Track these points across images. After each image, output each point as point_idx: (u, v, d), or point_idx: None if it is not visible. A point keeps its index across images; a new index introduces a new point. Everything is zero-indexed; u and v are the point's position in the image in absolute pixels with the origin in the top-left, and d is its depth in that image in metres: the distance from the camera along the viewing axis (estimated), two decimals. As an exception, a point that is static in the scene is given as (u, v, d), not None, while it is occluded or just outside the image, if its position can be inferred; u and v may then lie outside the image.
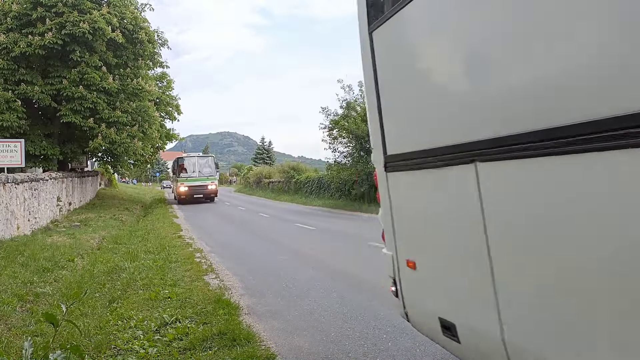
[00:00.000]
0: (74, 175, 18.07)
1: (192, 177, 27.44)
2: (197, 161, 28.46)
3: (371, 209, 19.54)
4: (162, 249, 9.53)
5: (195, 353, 3.98)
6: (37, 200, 12.01)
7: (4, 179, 9.56)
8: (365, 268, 7.32)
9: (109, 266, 7.82)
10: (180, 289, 6.08)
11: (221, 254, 9.45)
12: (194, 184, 27.09)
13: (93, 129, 17.15)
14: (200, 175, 27.56)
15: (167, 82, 30.91)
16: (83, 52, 16.68)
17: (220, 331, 4.35)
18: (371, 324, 4.60)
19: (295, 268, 7.77)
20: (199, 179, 27.38)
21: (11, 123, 15.60)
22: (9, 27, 16.31)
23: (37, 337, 4.19)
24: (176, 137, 33.99)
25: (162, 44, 22.23)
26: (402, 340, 4.13)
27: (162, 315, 4.93)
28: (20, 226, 10.33)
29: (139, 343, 4.22)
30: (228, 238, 12.19)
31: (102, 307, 5.37)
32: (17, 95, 15.98)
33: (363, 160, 21.30)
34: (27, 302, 5.38)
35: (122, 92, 18.20)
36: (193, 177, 27.39)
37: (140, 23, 18.46)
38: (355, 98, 22.69)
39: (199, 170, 27.66)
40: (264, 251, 9.85)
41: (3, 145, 12.46)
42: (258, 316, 5.11)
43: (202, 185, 27.38)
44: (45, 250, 8.24)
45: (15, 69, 16.21)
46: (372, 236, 11.03)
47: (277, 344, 4.19)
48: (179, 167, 28.20)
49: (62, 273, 6.95)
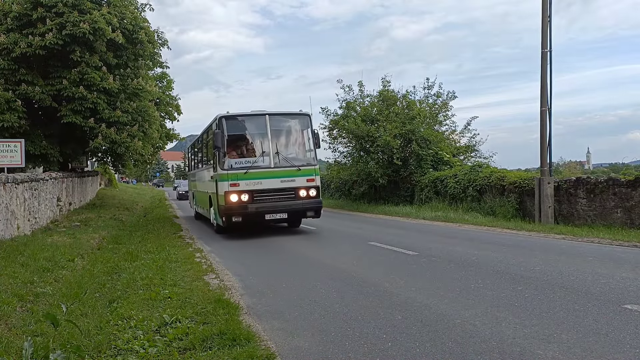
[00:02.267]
0: (74, 176, 18.07)
1: (260, 170, 11.86)
2: (271, 126, 12.21)
3: (371, 209, 19.56)
4: (162, 249, 9.54)
5: (195, 353, 3.98)
6: (37, 200, 12.01)
7: (4, 179, 9.55)
8: (365, 268, 7.33)
9: (109, 266, 7.83)
10: (180, 289, 6.08)
11: (221, 254, 9.46)
12: (267, 187, 11.79)
13: (93, 129, 17.14)
14: (281, 164, 12.02)
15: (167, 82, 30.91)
16: (83, 52, 16.67)
17: (220, 331, 4.35)
18: (371, 324, 4.60)
19: (296, 268, 7.77)
20: (279, 174, 11.93)
21: (12, 123, 15.58)
22: (9, 28, 16.29)
23: (37, 337, 4.18)
24: (176, 137, 34.01)
25: (162, 44, 22.21)
26: (402, 340, 4.13)
27: (162, 315, 4.94)
28: (20, 226, 10.34)
29: (139, 343, 4.22)
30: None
31: (102, 307, 5.37)
32: (18, 96, 15.97)
33: (363, 160, 21.31)
34: (27, 302, 5.38)
35: (122, 92, 18.18)
36: (263, 171, 11.87)
37: (140, 23, 18.44)
38: (355, 98, 22.70)
39: (276, 150, 12.05)
40: (266, 254, 9.83)
41: (3, 145, 12.47)
42: (258, 316, 5.12)
43: (286, 191, 11.95)
44: (45, 250, 8.24)
45: (16, 69, 16.20)
46: (373, 236, 11.04)
47: (277, 344, 4.20)
48: (220, 143, 11.91)
49: (62, 273, 6.96)
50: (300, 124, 12.70)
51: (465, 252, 8.43)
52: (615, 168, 74.66)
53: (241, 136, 12.56)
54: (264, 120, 12.06)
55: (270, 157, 11.80)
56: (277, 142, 12.11)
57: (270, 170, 11.72)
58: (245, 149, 12.52)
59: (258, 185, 11.56)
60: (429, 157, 19.53)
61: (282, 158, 11.93)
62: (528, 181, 14.21)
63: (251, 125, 12.39)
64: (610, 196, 11.79)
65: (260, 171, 11.69)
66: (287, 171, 11.81)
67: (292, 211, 11.92)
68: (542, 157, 13.22)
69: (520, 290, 5.58)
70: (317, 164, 12.49)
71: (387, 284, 6.15)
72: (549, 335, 4.04)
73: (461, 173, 17.27)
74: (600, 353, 3.62)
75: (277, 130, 12.29)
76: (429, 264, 7.45)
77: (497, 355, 3.68)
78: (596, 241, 9.29)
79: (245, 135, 12.54)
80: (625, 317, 4.43)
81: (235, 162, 11.84)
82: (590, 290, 5.40)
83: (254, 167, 11.73)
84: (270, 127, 11.98)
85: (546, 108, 13.13)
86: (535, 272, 6.51)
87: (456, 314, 4.80)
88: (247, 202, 11.44)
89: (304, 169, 11.98)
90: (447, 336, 4.15)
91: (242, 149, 12.52)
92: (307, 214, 12.17)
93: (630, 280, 5.80)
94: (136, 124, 18.70)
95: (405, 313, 4.90)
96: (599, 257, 7.56)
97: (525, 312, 4.73)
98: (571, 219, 12.63)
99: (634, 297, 5.07)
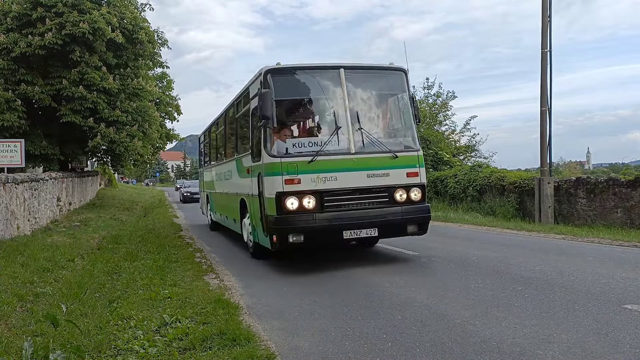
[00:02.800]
0: (74, 175, 18.07)
1: (334, 158, 7.10)
2: (349, 88, 7.45)
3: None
4: (162, 249, 9.54)
5: (195, 353, 3.98)
6: (37, 200, 12.01)
7: (4, 179, 9.56)
8: (365, 268, 7.32)
9: (109, 266, 7.82)
10: (180, 289, 6.08)
11: (221, 255, 9.46)
12: (345, 185, 7.08)
13: (93, 129, 17.16)
14: (367, 148, 7.31)
15: (167, 82, 30.93)
16: (83, 52, 16.68)
17: (220, 331, 4.35)
18: (371, 324, 4.60)
19: (296, 268, 7.77)
20: (364, 163, 7.19)
21: (11, 123, 15.60)
22: (9, 27, 16.30)
23: (37, 337, 4.19)
24: (176, 137, 34.02)
25: (162, 44, 22.24)
26: (402, 340, 4.13)
27: (162, 315, 4.93)
28: (20, 226, 10.34)
29: (139, 343, 4.22)
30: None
31: (102, 307, 5.37)
32: (18, 95, 15.99)
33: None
34: (27, 302, 5.38)
35: (122, 92, 18.20)
36: (339, 159, 7.12)
37: (140, 23, 18.45)
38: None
39: (357, 125, 7.32)
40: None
41: (3, 145, 12.47)
42: (258, 316, 5.11)
43: (376, 192, 7.27)
44: (45, 250, 8.24)
45: (16, 69, 16.21)
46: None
47: (277, 344, 4.19)
48: (269, 112, 7.01)
49: (62, 273, 6.96)
50: (392, 84, 8.08)
51: (465, 252, 8.43)
52: (615, 168, 74.71)
53: (300, 103, 8.02)
54: (338, 76, 7.42)
55: (349, 135, 7.17)
56: (358, 112, 7.41)
57: (350, 157, 7.10)
58: (306, 124, 8.33)
59: (331, 183, 7.00)
60: (429, 157, 19.55)
61: (368, 138, 7.30)
62: (528, 181, 14.23)
63: (316, 84, 7.58)
64: (610, 196, 11.80)
65: (334, 159, 7.07)
66: (376, 159, 7.25)
67: (386, 225, 7.25)
68: (542, 157, 13.23)
69: (520, 290, 5.58)
70: (420, 148, 7.90)
71: (387, 284, 6.15)
72: (549, 335, 4.04)
73: (461, 173, 17.28)
74: (600, 353, 3.62)
75: (357, 94, 7.66)
76: (429, 264, 7.45)
77: (497, 355, 3.68)
78: (596, 241, 9.29)
79: (306, 101, 7.91)
80: (625, 317, 4.43)
81: (293, 145, 7.23)
82: (590, 290, 5.40)
83: (324, 152, 7.04)
84: (347, 88, 7.38)
85: (546, 108, 13.15)
86: (535, 272, 6.51)
87: (456, 314, 4.80)
88: (313, 210, 6.90)
89: (402, 155, 7.44)
90: (447, 336, 4.15)
91: (302, 125, 8.44)
92: (408, 228, 7.46)
93: (630, 280, 5.80)
94: (136, 123, 18.71)
95: (405, 313, 4.90)
96: (599, 257, 7.56)
97: (525, 312, 4.72)
98: (571, 219, 12.64)
99: (634, 297, 5.07)
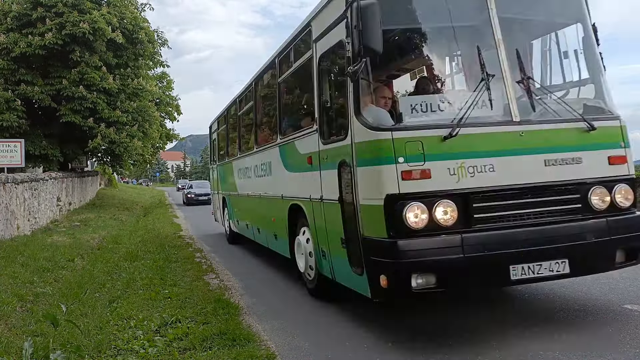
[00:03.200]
0: (74, 175, 18.08)
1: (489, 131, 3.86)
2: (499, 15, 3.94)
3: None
4: (162, 249, 9.53)
5: (195, 353, 3.98)
6: (37, 200, 12.02)
7: (4, 179, 9.56)
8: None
9: (109, 266, 7.82)
10: (180, 289, 6.08)
11: (221, 254, 9.46)
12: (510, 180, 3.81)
13: (93, 129, 17.15)
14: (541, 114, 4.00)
15: (167, 82, 30.91)
16: (83, 52, 16.68)
17: (220, 331, 4.35)
18: (371, 324, 4.60)
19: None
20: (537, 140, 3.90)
21: (11, 123, 15.61)
22: (9, 27, 16.31)
23: (37, 337, 4.18)
24: (176, 137, 34.01)
25: (162, 43, 22.23)
26: (402, 340, 4.13)
27: (162, 315, 4.93)
28: (20, 226, 10.34)
29: (139, 343, 4.21)
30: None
31: (102, 307, 5.36)
32: (17, 95, 15.99)
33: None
34: (27, 302, 5.38)
35: (122, 92, 18.20)
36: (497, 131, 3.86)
37: (140, 23, 18.47)
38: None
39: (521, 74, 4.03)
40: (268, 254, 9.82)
41: (3, 145, 12.48)
42: (258, 316, 5.11)
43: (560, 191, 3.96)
44: (45, 250, 8.24)
45: (16, 69, 16.22)
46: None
47: (277, 344, 4.19)
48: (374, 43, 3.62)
49: (62, 273, 6.96)
50: (565, 8, 4.72)
51: None
52: (615, 168, 74.55)
53: (418, 37, 4.67)
54: None
55: (507, 91, 4.04)
56: (519, 51, 4.25)
57: (513, 130, 3.97)
58: (431, 71, 5.11)
59: (485, 176, 3.85)
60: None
61: (542, 96, 4.22)
62: None
63: (444, 6, 4.27)
64: (610, 196, 11.79)
65: (487, 132, 3.95)
66: (559, 133, 4.12)
67: (583, 253, 4.03)
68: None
69: (520, 290, 5.58)
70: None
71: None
72: (549, 335, 4.04)
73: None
74: (600, 353, 3.61)
75: (516, 23, 4.49)
76: None
77: (497, 355, 3.68)
78: (596, 241, 9.27)
79: (428, 34, 4.58)
80: (625, 317, 4.43)
81: (411, 107, 3.97)
82: (590, 290, 5.40)
83: (469, 122, 3.87)
84: (498, 15, 4.11)
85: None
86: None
87: (456, 314, 4.80)
88: (455, 228, 3.76)
89: (600, 126, 4.20)
90: (447, 336, 4.15)
91: (422, 75, 5.33)
92: (617, 256, 4.18)
93: (630, 280, 5.80)
94: (136, 123, 18.72)
95: (405, 313, 4.90)
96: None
97: (526, 312, 4.73)
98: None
99: (634, 297, 5.06)
